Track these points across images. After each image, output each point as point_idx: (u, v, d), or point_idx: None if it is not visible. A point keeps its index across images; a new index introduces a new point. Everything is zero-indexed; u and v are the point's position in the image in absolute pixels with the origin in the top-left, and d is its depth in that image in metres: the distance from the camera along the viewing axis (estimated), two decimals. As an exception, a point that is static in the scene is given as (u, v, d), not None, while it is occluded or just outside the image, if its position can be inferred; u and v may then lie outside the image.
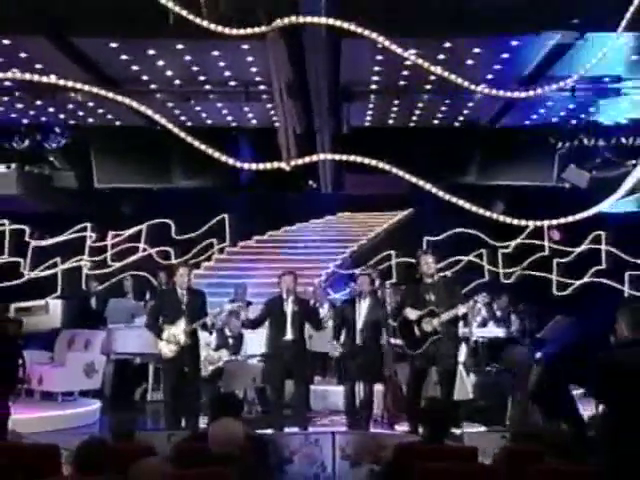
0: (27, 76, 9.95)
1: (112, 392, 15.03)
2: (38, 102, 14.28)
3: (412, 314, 11.57)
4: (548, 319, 16.71)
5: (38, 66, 11.57)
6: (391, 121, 15.89)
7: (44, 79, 10.16)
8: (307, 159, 9.46)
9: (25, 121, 15.62)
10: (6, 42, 10.80)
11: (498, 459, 7.66)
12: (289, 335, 11.85)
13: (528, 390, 11.62)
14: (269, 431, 11.12)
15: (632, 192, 7.45)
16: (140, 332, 14.22)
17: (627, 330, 7.52)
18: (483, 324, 14.58)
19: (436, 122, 15.98)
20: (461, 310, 11.56)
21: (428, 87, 13.32)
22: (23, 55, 11.32)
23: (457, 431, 11.46)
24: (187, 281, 11.82)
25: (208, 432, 7.11)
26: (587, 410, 11.36)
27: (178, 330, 11.59)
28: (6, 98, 13.89)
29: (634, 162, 11.92)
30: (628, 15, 6.54)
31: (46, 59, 11.51)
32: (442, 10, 9.57)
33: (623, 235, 16.80)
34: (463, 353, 13.11)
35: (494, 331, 14.65)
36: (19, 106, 14.50)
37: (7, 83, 12.55)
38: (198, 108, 14.89)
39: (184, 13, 7.51)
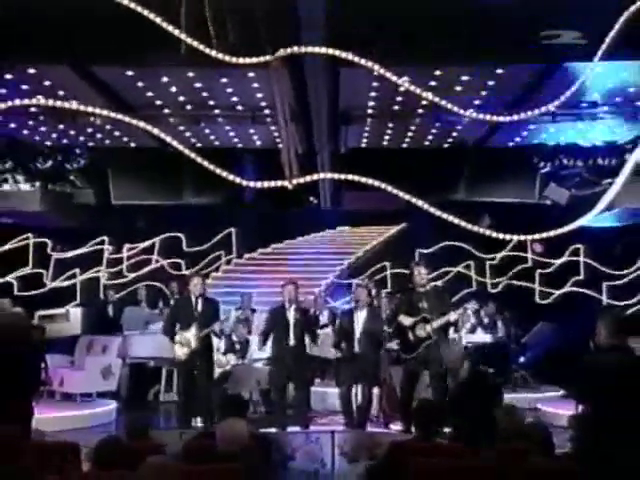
0: (51, 102, 9.98)
1: (127, 393, 15.01)
2: (60, 126, 14.31)
3: (406, 321, 11.55)
4: (531, 325, 16.76)
5: (61, 93, 11.59)
6: (386, 142, 15.90)
7: (66, 105, 10.19)
8: (308, 178, 9.48)
9: (48, 143, 15.65)
10: (32, 71, 10.81)
11: (485, 456, 7.64)
12: (291, 341, 11.84)
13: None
14: (273, 430, 11.10)
15: (608, 209, 7.43)
16: (153, 338, 14.22)
17: (606, 336, 7.53)
18: (472, 330, 14.56)
19: (427, 143, 16.00)
20: (452, 317, 11.55)
21: (420, 111, 13.32)
22: (47, 83, 11.34)
23: (447, 429, 11.43)
24: (201, 290, 11.88)
25: (216, 431, 7.11)
26: (568, 410, 11.34)
27: (190, 335, 11.61)
28: (31, 122, 13.91)
29: (609, 181, 11.88)
30: (603, 47, 6.55)
31: (68, 86, 11.53)
32: (433, 41, 9.58)
33: (600, 248, 16.79)
34: (454, 357, 13.10)
35: (482, 336, 14.63)
36: (43, 129, 14.52)
37: (32, 108, 12.54)
38: (207, 131, 14.91)
39: (195, 44, 7.51)
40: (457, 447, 8.56)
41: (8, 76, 10.58)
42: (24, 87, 11.38)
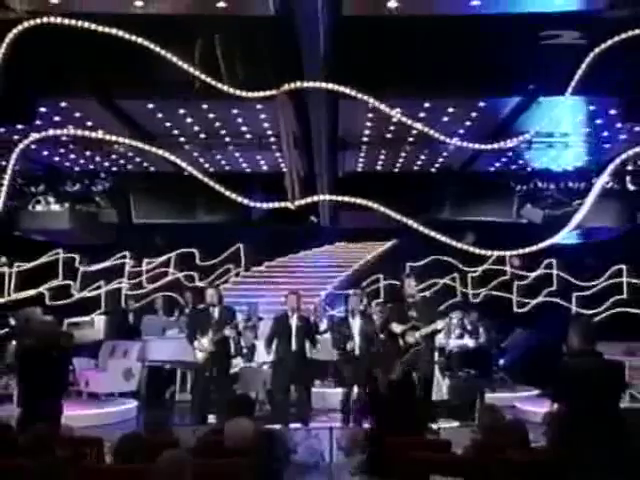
0: (79, 132, 10.00)
1: (146, 393, 14.96)
2: (87, 153, 14.36)
3: (397, 328, 11.55)
4: (510, 331, 16.78)
5: (89, 123, 11.62)
6: (379, 167, 15.93)
7: (93, 134, 10.22)
8: (309, 199, 9.51)
9: (76, 169, 15.70)
10: (64, 104, 10.85)
11: (468, 450, 7.63)
12: (293, 346, 11.86)
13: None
14: (277, 426, 11.06)
15: (578, 227, 7.46)
16: (169, 343, 14.22)
17: (577, 341, 7.53)
18: (459, 336, 14.55)
19: (416, 168, 16.03)
20: (439, 325, 11.57)
21: (410, 139, 13.34)
22: (77, 115, 11.36)
23: (434, 426, 11.42)
24: (216, 299, 11.96)
25: (224, 429, 7.11)
26: (543, 408, 11.31)
27: (206, 340, 11.63)
28: (62, 150, 13.95)
29: (579, 202, 11.91)
30: (573, 83, 6.59)
31: (95, 118, 11.57)
32: (422, 76, 9.62)
33: (570, 262, 16.80)
34: (440, 360, 13.11)
35: (466, 342, 14.62)
36: (72, 156, 14.57)
37: (63, 138, 12.58)
38: (218, 156, 14.93)
39: (208, 79, 7.53)
40: (443, 441, 8.56)
41: (43, 109, 10.61)
42: (57, 119, 11.41)
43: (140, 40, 6.92)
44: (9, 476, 5.19)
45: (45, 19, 6.78)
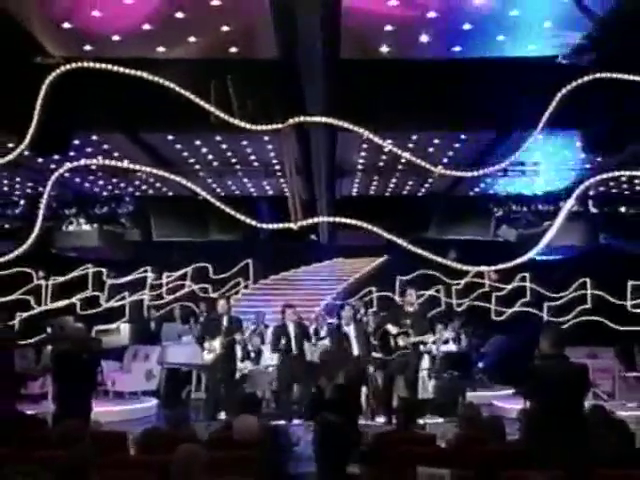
0: (107, 162, 10.05)
1: (165, 392, 14.96)
2: (114, 180, 14.38)
3: (393, 329, 11.70)
4: (489, 337, 16.77)
5: (115, 154, 11.66)
6: (372, 191, 15.96)
7: (119, 163, 10.26)
8: (310, 221, 9.51)
9: (104, 193, 15.72)
10: (94, 137, 10.90)
11: (451, 443, 7.63)
12: (294, 351, 11.93)
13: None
14: (281, 422, 11.07)
15: (548, 245, 7.49)
16: (185, 347, 14.22)
17: (548, 346, 7.55)
18: (444, 342, 14.56)
19: (405, 192, 16.05)
20: (429, 339, 11.76)
21: (400, 167, 13.37)
22: (105, 146, 11.40)
23: (421, 422, 11.41)
24: (226, 309, 12.03)
25: (233, 425, 7.13)
26: (517, 405, 11.30)
27: (216, 344, 11.66)
28: (92, 177, 13.99)
29: (549, 223, 11.93)
30: (544, 120, 6.63)
31: (121, 148, 11.60)
32: (411, 112, 9.66)
33: (542, 276, 16.81)
34: (426, 363, 13.10)
35: (450, 347, 14.63)
36: (100, 182, 14.60)
37: (93, 166, 12.61)
38: (229, 182, 14.96)
39: (222, 114, 7.57)
40: (429, 435, 8.56)
41: (76, 141, 10.66)
42: (88, 150, 11.45)
43: (162, 81, 6.95)
44: (45, 465, 5.20)
45: (79, 64, 6.84)
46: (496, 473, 6.03)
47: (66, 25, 7.76)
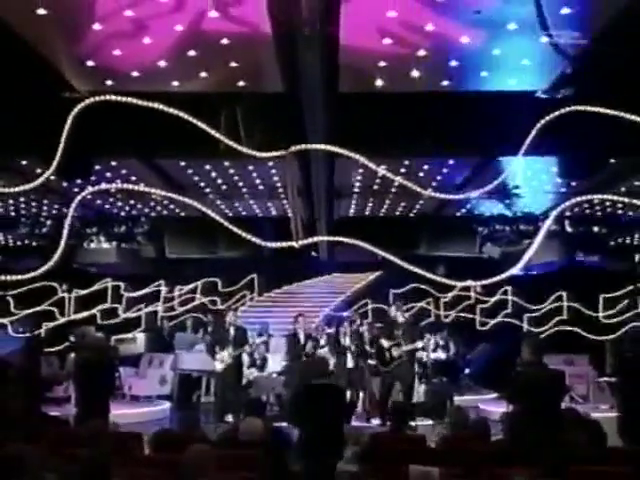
0: (125, 185, 10.08)
1: (177, 396, 14.89)
2: (131, 201, 14.40)
3: (386, 343, 11.69)
4: (474, 346, 16.75)
5: (133, 178, 11.69)
6: (367, 212, 15.97)
7: (136, 187, 10.28)
8: (310, 240, 9.52)
9: (122, 214, 15.74)
10: (113, 163, 10.94)
11: (440, 443, 7.63)
12: (300, 358, 11.94)
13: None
14: (284, 424, 11.04)
15: (528, 261, 7.51)
16: (196, 355, 14.18)
17: (528, 354, 7.57)
18: (433, 350, 14.54)
19: (397, 213, 16.07)
20: (419, 344, 11.72)
21: (392, 190, 13.39)
22: (124, 171, 11.43)
23: (413, 424, 11.40)
24: (234, 320, 12.02)
25: (239, 426, 7.12)
26: (500, 408, 11.29)
27: (225, 353, 11.66)
28: (111, 199, 14.02)
29: (529, 242, 11.98)
30: (524, 148, 6.68)
31: (138, 173, 11.62)
32: (402, 139, 9.70)
33: (522, 290, 16.83)
34: (417, 370, 13.11)
35: (439, 355, 14.60)
36: (118, 204, 14.63)
37: (112, 190, 12.64)
38: (236, 204, 14.97)
39: (230, 142, 7.59)
40: (420, 436, 8.54)
41: (97, 167, 10.69)
42: (107, 174, 11.48)
43: (175, 112, 6.99)
44: (67, 463, 5.20)
45: (102, 97, 6.88)
46: (481, 471, 6.04)
47: (90, 63, 7.85)
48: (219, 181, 12.91)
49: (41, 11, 6.55)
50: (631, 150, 9.26)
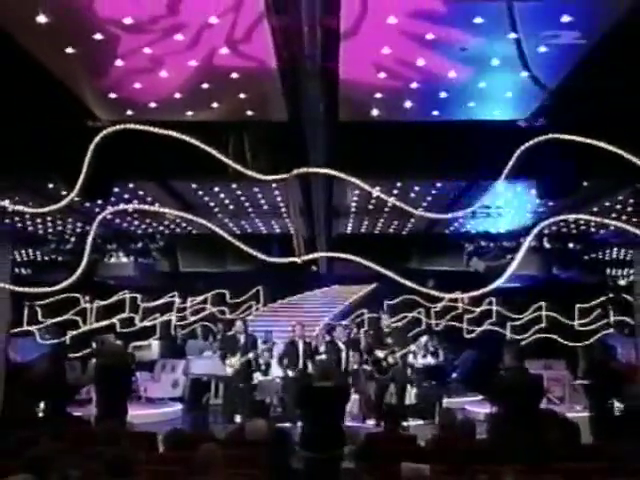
0: (142, 206, 10.11)
1: (189, 398, 14.89)
2: (147, 220, 14.41)
3: (381, 354, 11.73)
4: (461, 352, 16.74)
5: (149, 199, 11.69)
6: (363, 230, 15.97)
7: (152, 207, 10.31)
8: (311, 256, 9.54)
9: (139, 231, 15.75)
10: (131, 185, 10.96)
11: (430, 442, 7.64)
12: (300, 363, 11.94)
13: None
14: (286, 424, 11.04)
15: (511, 275, 7.54)
16: (206, 361, 14.19)
17: (510, 360, 7.59)
18: (424, 356, 14.53)
19: (391, 231, 16.07)
20: (412, 348, 11.75)
21: (386, 210, 13.40)
22: (140, 192, 11.45)
23: (405, 424, 11.40)
24: (242, 328, 12.04)
25: (245, 427, 7.13)
26: (485, 409, 11.30)
27: (235, 359, 11.67)
28: (129, 218, 14.03)
29: (511, 257, 12.01)
30: (505, 171, 6.74)
31: (153, 194, 11.63)
32: (396, 164, 9.73)
33: (506, 300, 16.88)
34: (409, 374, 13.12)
35: (429, 360, 14.60)
36: (136, 222, 14.63)
37: (129, 210, 12.66)
38: (243, 222, 14.94)
39: (238, 166, 7.62)
40: (411, 435, 8.54)
41: (116, 189, 10.71)
42: (126, 196, 11.48)
43: (189, 139, 7.05)
44: (88, 459, 5.23)
45: (122, 126, 6.95)
46: (468, 467, 6.06)
47: (112, 95, 7.90)
48: (227, 202, 12.91)
49: (69, 50, 6.62)
50: (602, 174, 9.32)
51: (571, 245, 16.32)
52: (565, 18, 6.04)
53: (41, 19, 5.90)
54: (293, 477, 6.52)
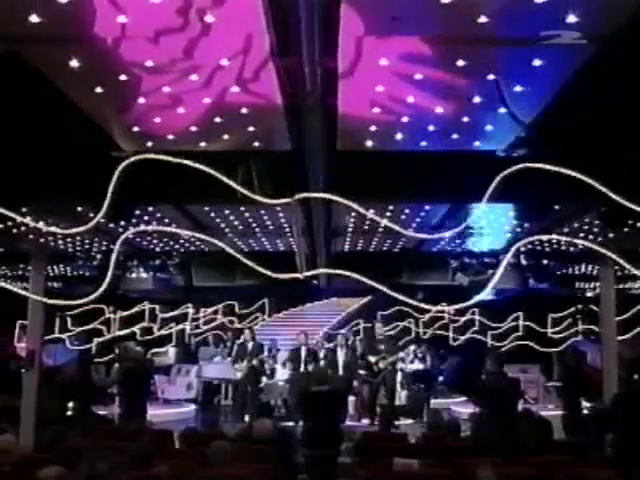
0: (160, 227, 10.13)
1: (201, 400, 14.88)
2: (164, 239, 14.43)
3: (373, 359, 11.73)
4: (447, 358, 16.72)
5: (166, 220, 11.72)
6: (359, 248, 15.97)
7: (168, 228, 10.32)
8: (313, 272, 9.55)
9: (157, 249, 15.76)
10: (150, 209, 10.99)
11: (419, 440, 7.63)
12: (302, 368, 11.90)
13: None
14: (290, 424, 11.00)
15: (492, 288, 7.56)
16: (217, 366, 14.21)
17: (491, 365, 7.61)
18: (412, 361, 14.51)
19: (384, 248, 16.06)
20: (400, 355, 11.75)
21: (380, 230, 13.41)
22: (158, 215, 11.46)
23: (396, 423, 11.37)
24: (250, 337, 12.03)
25: (253, 425, 7.12)
26: (469, 410, 11.26)
27: (243, 365, 11.66)
28: (148, 237, 14.06)
29: (492, 272, 12.00)
30: (486, 196, 6.79)
31: (170, 217, 11.66)
32: (387, 190, 9.76)
33: (487, 311, 16.86)
34: (399, 378, 13.09)
35: (417, 366, 14.58)
36: (154, 242, 14.65)
37: (149, 230, 12.67)
38: (250, 241, 14.92)
39: (246, 192, 7.63)
40: (402, 434, 8.52)
41: (137, 211, 10.75)
42: (145, 218, 11.50)
43: (202, 167, 7.10)
44: (115, 454, 5.23)
45: (143, 155, 7.02)
46: (453, 461, 6.06)
47: (135, 128, 7.99)
48: (236, 223, 12.91)
49: (98, 89, 6.72)
50: (571, 198, 9.36)
51: (545, 261, 16.37)
52: (536, 62, 6.14)
53: (74, 63, 6.06)
54: (296, 471, 6.52)
